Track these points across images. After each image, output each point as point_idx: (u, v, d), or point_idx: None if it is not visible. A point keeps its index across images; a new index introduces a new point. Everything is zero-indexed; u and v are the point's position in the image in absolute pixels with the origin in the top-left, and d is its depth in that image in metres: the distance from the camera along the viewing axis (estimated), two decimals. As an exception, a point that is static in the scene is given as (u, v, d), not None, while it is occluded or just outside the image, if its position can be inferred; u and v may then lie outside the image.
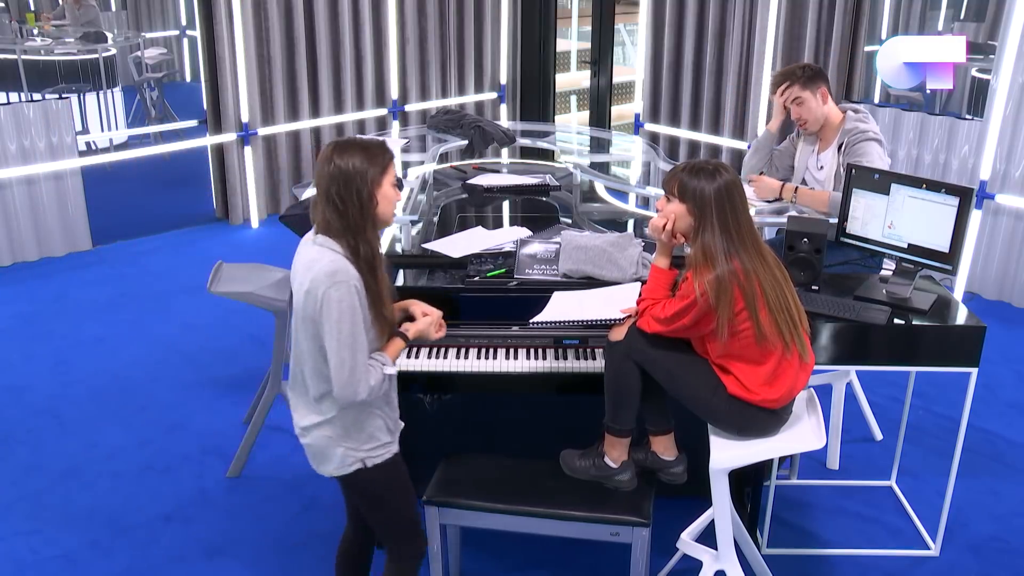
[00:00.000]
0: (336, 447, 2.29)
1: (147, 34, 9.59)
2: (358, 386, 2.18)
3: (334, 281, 2.15)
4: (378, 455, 2.33)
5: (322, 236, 2.22)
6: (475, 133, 4.41)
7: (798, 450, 2.62)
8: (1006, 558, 3.17)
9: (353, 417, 2.28)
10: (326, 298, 2.14)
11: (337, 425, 2.28)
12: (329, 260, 2.17)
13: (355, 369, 2.17)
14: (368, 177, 2.20)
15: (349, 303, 2.15)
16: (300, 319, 2.23)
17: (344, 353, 2.16)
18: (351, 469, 2.31)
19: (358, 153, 2.21)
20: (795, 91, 3.46)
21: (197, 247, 6.14)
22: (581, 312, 2.71)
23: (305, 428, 2.31)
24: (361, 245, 2.21)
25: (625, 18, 8.32)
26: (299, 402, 2.33)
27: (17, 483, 3.54)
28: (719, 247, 2.39)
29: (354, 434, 2.29)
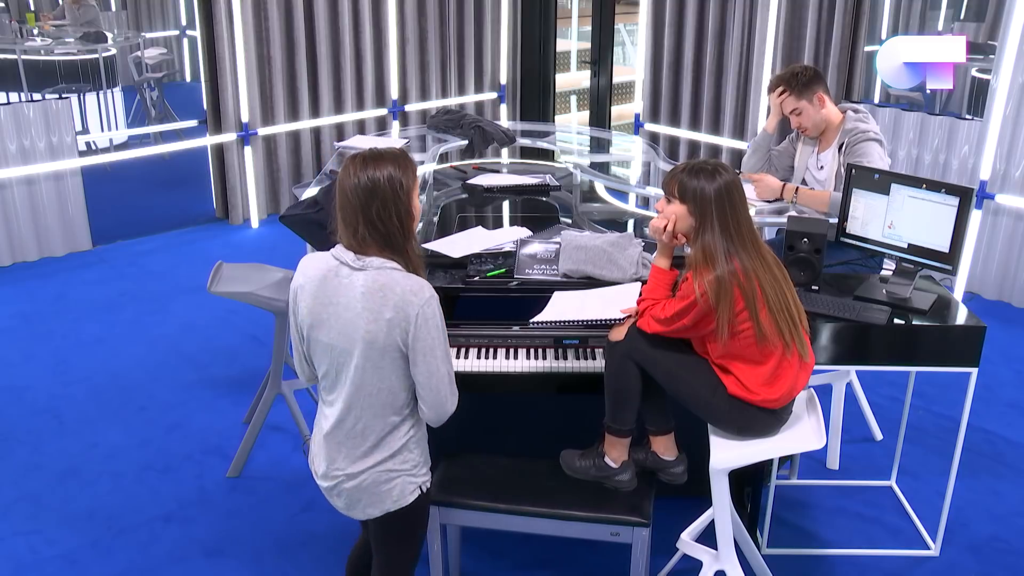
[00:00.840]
0: (395, 479, 2.17)
1: (147, 34, 9.60)
2: (455, 398, 2.14)
3: (424, 298, 2.05)
4: (429, 479, 2.28)
5: (372, 258, 2.08)
6: (475, 133, 4.41)
7: (798, 450, 2.62)
8: (1006, 558, 3.17)
9: (417, 439, 2.20)
10: (423, 318, 2.04)
11: (402, 454, 2.17)
12: (403, 279, 2.06)
13: (452, 381, 2.12)
14: (405, 190, 2.08)
15: (440, 316, 2.08)
16: (376, 357, 2.07)
17: (444, 368, 2.09)
18: (412, 498, 2.20)
19: (389, 165, 2.08)
20: (791, 102, 3.46)
21: (197, 247, 6.14)
22: (581, 312, 2.71)
23: (360, 472, 2.16)
24: (408, 262, 2.11)
25: (625, 18, 8.32)
26: (357, 448, 2.16)
27: (17, 483, 3.54)
28: (719, 247, 2.39)
29: (416, 458, 2.21)
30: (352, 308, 2.07)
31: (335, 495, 2.24)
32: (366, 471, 2.16)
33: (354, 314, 2.06)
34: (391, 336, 2.05)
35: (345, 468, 2.18)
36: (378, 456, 2.15)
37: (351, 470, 2.17)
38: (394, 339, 2.05)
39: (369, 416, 2.14)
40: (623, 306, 2.66)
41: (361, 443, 2.16)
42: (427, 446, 2.28)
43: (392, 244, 2.09)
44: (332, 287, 2.10)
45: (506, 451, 2.90)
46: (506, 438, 3.33)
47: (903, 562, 3.14)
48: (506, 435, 3.34)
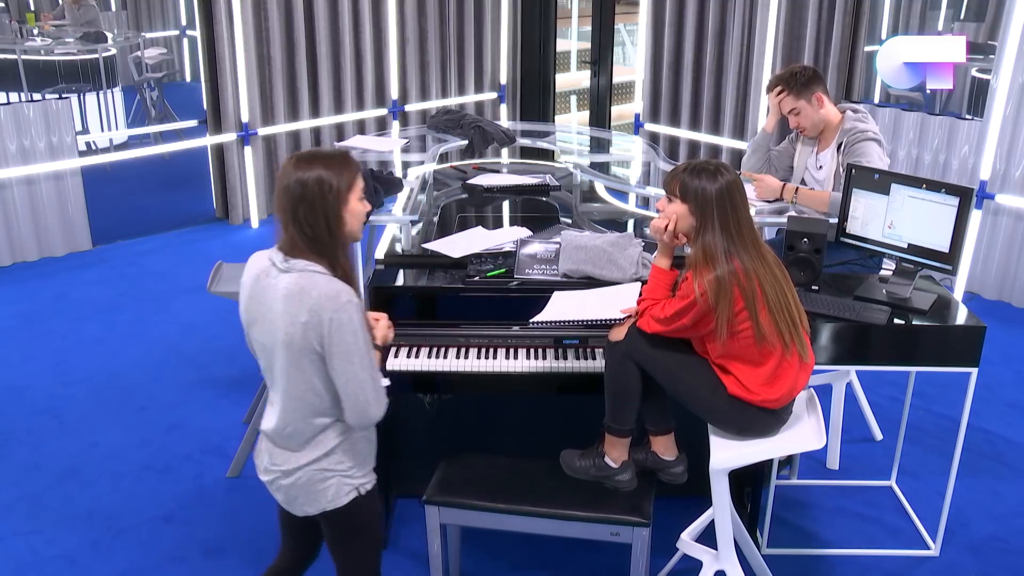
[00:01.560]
0: (330, 479, 2.16)
1: (147, 34, 9.59)
2: (380, 405, 2.09)
3: (340, 304, 2.01)
4: (370, 481, 2.24)
5: (297, 260, 2.07)
6: (475, 133, 4.41)
7: (798, 450, 2.62)
8: (1006, 558, 3.17)
9: (353, 441, 2.18)
10: (336, 323, 2.00)
11: (336, 454, 2.16)
12: (324, 283, 2.03)
13: (376, 388, 2.08)
14: (334, 194, 2.05)
15: (359, 322, 2.04)
16: (296, 358, 2.06)
17: (363, 375, 2.05)
18: (347, 500, 2.18)
19: (320, 167, 2.05)
20: (790, 102, 3.46)
21: (197, 247, 6.14)
22: (581, 312, 2.71)
23: (294, 469, 2.16)
24: (336, 267, 2.08)
25: (625, 18, 8.32)
26: (290, 447, 2.17)
27: (17, 483, 3.54)
28: (720, 247, 2.39)
29: (352, 459, 2.19)
30: (275, 309, 2.07)
31: (275, 490, 2.25)
32: (300, 469, 2.16)
33: (276, 315, 2.07)
34: (307, 339, 2.03)
35: (281, 465, 2.18)
36: (311, 455, 2.15)
37: (286, 467, 2.17)
38: (310, 343, 2.03)
39: (297, 417, 2.14)
40: (623, 306, 2.66)
41: (293, 442, 2.16)
42: (369, 447, 2.24)
43: (320, 248, 2.07)
44: (262, 287, 2.11)
45: (506, 451, 2.90)
46: (506, 438, 3.33)
47: (903, 562, 3.14)
48: (506, 435, 3.34)
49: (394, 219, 3.41)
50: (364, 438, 2.22)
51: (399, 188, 3.54)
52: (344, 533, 2.27)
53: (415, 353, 2.84)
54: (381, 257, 3.17)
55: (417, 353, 2.84)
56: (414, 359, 2.82)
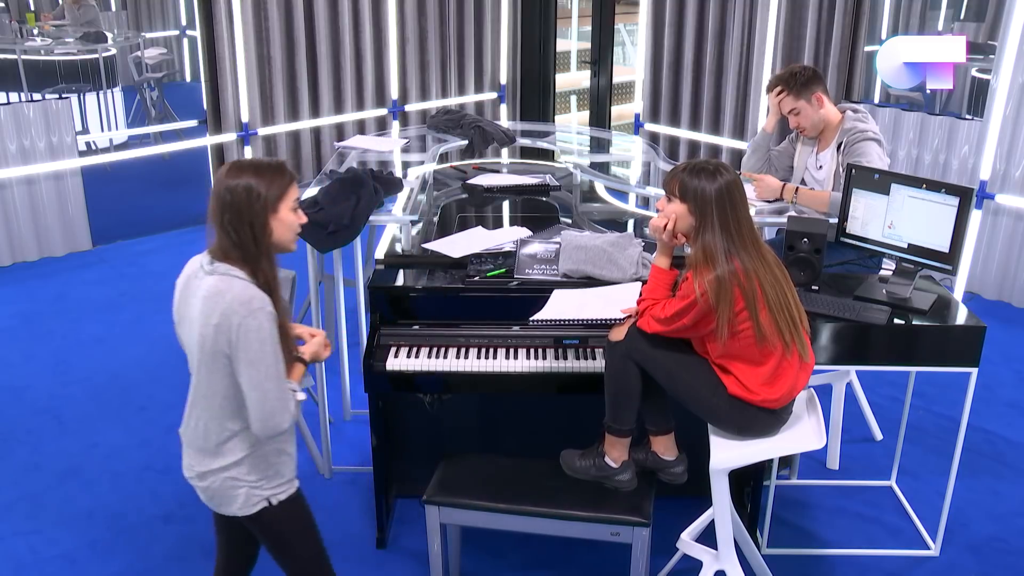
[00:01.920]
0: (240, 489, 2.16)
1: (147, 34, 9.58)
2: (284, 415, 2.07)
3: (250, 310, 2.01)
4: (283, 491, 2.23)
5: (220, 264, 2.08)
6: (475, 133, 4.41)
7: (798, 450, 2.62)
8: (1006, 558, 3.17)
9: (262, 453, 2.17)
10: (244, 329, 2.00)
11: (244, 465, 2.15)
12: (240, 288, 2.04)
13: (281, 398, 2.06)
14: (261, 203, 2.06)
15: (268, 331, 2.03)
16: (208, 360, 2.07)
17: (268, 384, 2.04)
18: (256, 509, 2.19)
19: (250, 176, 2.06)
20: (789, 102, 3.46)
21: (197, 247, 6.06)
22: (581, 311, 2.71)
23: (204, 474, 2.18)
24: (258, 274, 2.08)
25: (625, 18, 8.32)
26: (200, 450, 2.18)
27: (17, 483, 3.54)
28: (719, 247, 2.39)
29: (260, 471, 2.17)
30: (195, 310, 2.10)
31: (195, 489, 2.26)
32: (210, 474, 2.17)
33: (194, 316, 2.10)
34: (217, 342, 2.04)
35: (194, 467, 2.20)
36: (221, 462, 2.15)
37: (199, 470, 2.19)
38: (220, 346, 2.04)
39: (208, 418, 2.14)
40: (623, 305, 2.66)
41: (204, 444, 2.17)
42: (283, 459, 2.23)
43: (244, 255, 2.08)
44: (191, 288, 2.15)
45: (506, 451, 2.90)
46: (506, 438, 3.33)
47: (903, 562, 3.14)
48: (506, 435, 3.34)
49: (394, 219, 3.41)
50: (276, 451, 2.20)
51: (399, 188, 3.54)
52: (268, 540, 2.28)
53: (415, 353, 2.84)
54: (381, 257, 3.17)
55: (417, 353, 2.84)
56: (414, 359, 2.82)
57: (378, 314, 2.93)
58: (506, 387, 2.85)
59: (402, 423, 3.30)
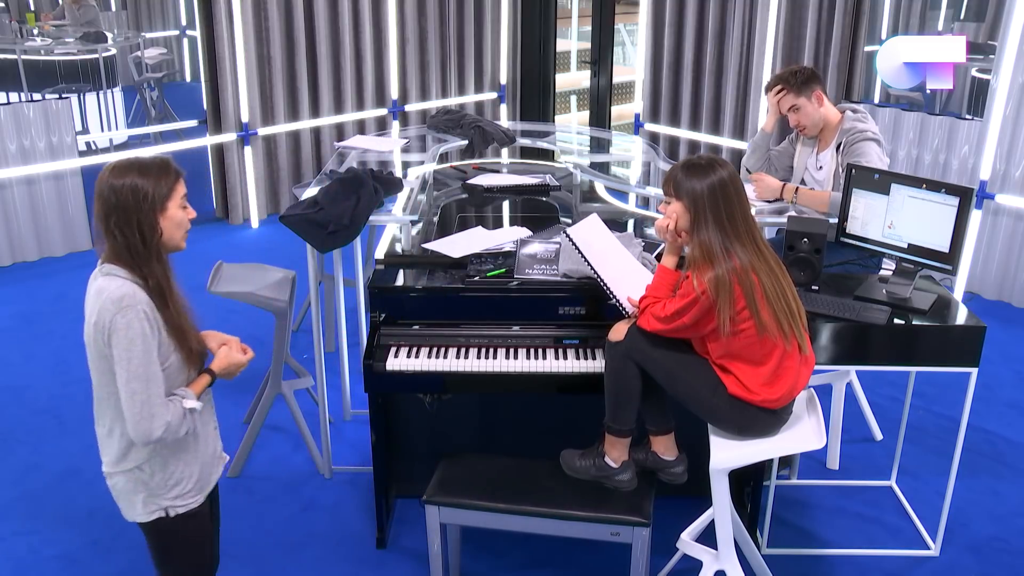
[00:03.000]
0: (140, 492, 2.14)
1: (147, 34, 9.59)
2: (153, 421, 1.99)
3: (120, 307, 1.98)
4: (183, 505, 2.17)
5: (108, 265, 2.05)
6: (475, 133, 4.41)
7: (798, 450, 2.62)
8: (1006, 558, 3.17)
9: (162, 461, 2.13)
10: (114, 326, 1.97)
11: (144, 471, 2.12)
12: (116, 287, 2.01)
13: (148, 402, 1.99)
14: (149, 203, 2.02)
15: (139, 329, 1.98)
16: (94, 357, 2.05)
17: (135, 384, 1.98)
18: (151, 518, 2.15)
19: (135, 175, 2.02)
20: (789, 99, 3.46)
21: (197, 247, 6.10)
22: (603, 263, 2.69)
23: (109, 472, 2.16)
24: (148, 276, 2.05)
25: (625, 18, 8.32)
26: (103, 447, 2.16)
27: (17, 483, 3.54)
28: (715, 243, 2.40)
29: (160, 479, 2.13)
30: (86, 309, 2.08)
31: None
32: (115, 475, 2.15)
33: (86, 315, 2.07)
34: (97, 341, 2.02)
35: (104, 467, 2.18)
36: (126, 464, 2.12)
37: (105, 469, 2.17)
38: (100, 346, 2.02)
39: (109, 418, 2.12)
40: (633, 290, 2.65)
41: (109, 445, 2.14)
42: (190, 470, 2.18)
43: (133, 258, 2.04)
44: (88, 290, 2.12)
45: (506, 451, 2.90)
46: (506, 438, 3.33)
47: (903, 562, 3.14)
48: (506, 435, 3.34)
49: (394, 219, 3.41)
50: (184, 460, 2.16)
51: (399, 188, 3.54)
52: (153, 550, 2.24)
53: (415, 353, 2.84)
54: (381, 257, 3.17)
55: (417, 353, 2.84)
56: (414, 359, 2.82)
57: (378, 314, 2.93)
58: (506, 387, 2.85)
59: (402, 423, 3.30)
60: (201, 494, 2.23)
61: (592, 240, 2.76)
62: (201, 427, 2.20)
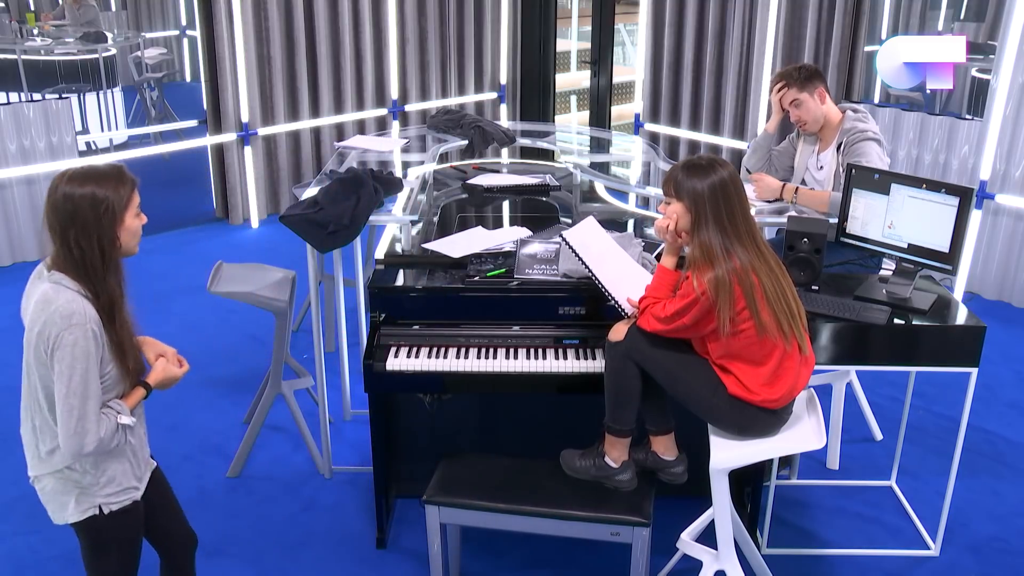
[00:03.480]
0: (72, 492, 2.12)
1: (147, 34, 9.59)
2: (85, 437, 1.99)
3: (70, 324, 1.95)
4: (118, 501, 2.16)
5: (57, 273, 2.02)
6: (475, 133, 4.41)
7: (798, 450, 2.62)
8: (1006, 558, 3.17)
9: (94, 460, 2.11)
10: (60, 342, 1.95)
11: (76, 469, 2.11)
12: (66, 300, 1.97)
13: (84, 418, 1.98)
14: (110, 216, 2.00)
15: (84, 348, 1.97)
16: (31, 363, 2.03)
17: (73, 400, 1.97)
18: (86, 516, 2.14)
19: (93, 185, 1.99)
20: (792, 93, 3.46)
21: (197, 247, 6.14)
22: (600, 264, 2.69)
23: (37, 476, 2.15)
24: (100, 292, 2.02)
25: (625, 18, 8.32)
26: (30, 450, 2.15)
27: (17, 483, 3.53)
28: (716, 243, 2.40)
29: (92, 477, 2.12)
30: (27, 313, 2.06)
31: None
32: (44, 477, 2.14)
33: (26, 319, 2.05)
34: (37, 349, 2.00)
35: (30, 470, 2.17)
36: (55, 464, 2.11)
37: (32, 473, 2.16)
38: (40, 353, 2.00)
39: (38, 420, 2.11)
40: (632, 291, 2.64)
41: (38, 447, 2.13)
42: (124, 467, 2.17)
43: (87, 272, 2.02)
44: (30, 291, 2.11)
45: (506, 451, 2.90)
46: (506, 438, 3.33)
47: (903, 562, 3.14)
48: (506, 435, 3.34)
49: (394, 219, 3.41)
50: (117, 459, 2.15)
51: (399, 188, 3.54)
52: (85, 549, 2.22)
53: (415, 353, 2.84)
54: (381, 257, 3.17)
55: (417, 353, 2.84)
56: (414, 359, 2.82)
57: (378, 314, 2.93)
58: (506, 387, 2.85)
59: (402, 423, 3.30)
60: (136, 492, 2.22)
61: (589, 243, 2.76)
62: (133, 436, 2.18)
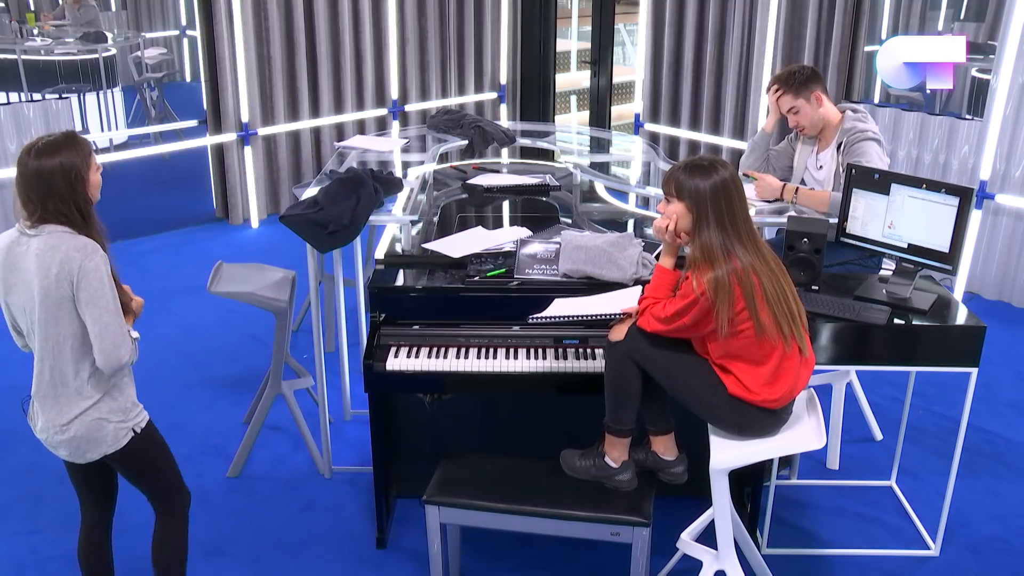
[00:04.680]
0: (107, 427, 2.37)
1: (147, 34, 9.59)
2: (123, 348, 2.28)
3: (87, 253, 2.24)
4: (142, 419, 2.46)
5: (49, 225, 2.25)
6: (475, 133, 4.41)
7: (798, 450, 2.62)
8: (1006, 558, 3.17)
9: (118, 390, 2.40)
10: (83, 270, 2.23)
11: (106, 402, 2.37)
12: (72, 239, 2.25)
13: (119, 331, 2.28)
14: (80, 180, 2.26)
15: (105, 271, 2.28)
16: (53, 308, 2.27)
17: (108, 318, 2.26)
18: (125, 440, 2.41)
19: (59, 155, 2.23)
20: (788, 100, 3.46)
21: (197, 247, 6.13)
22: (581, 309, 2.71)
23: (68, 422, 2.36)
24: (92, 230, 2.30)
25: (625, 18, 8.32)
26: (59, 399, 2.36)
27: (17, 483, 3.54)
28: (717, 244, 2.40)
29: (120, 405, 2.40)
30: (29, 270, 2.27)
31: (54, 447, 2.44)
32: (74, 421, 2.35)
33: (31, 275, 2.27)
34: (60, 289, 2.24)
35: (55, 420, 2.37)
36: (83, 404, 2.34)
37: (60, 421, 2.36)
38: (64, 291, 2.25)
39: (62, 364, 2.33)
40: (624, 306, 2.66)
41: (63, 392, 2.35)
42: (134, 389, 2.47)
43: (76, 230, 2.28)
44: (16, 255, 2.30)
45: (506, 451, 2.90)
46: (506, 438, 3.33)
47: (903, 562, 3.14)
48: (506, 435, 3.34)
49: (394, 219, 3.41)
50: (125, 383, 2.43)
51: (399, 188, 3.54)
52: (136, 468, 2.52)
53: (415, 353, 2.84)
54: (381, 257, 3.17)
55: (417, 353, 2.84)
56: (414, 359, 2.82)
57: (378, 314, 2.93)
58: (506, 387, 2.85)
59: (402, 423, 3.30)
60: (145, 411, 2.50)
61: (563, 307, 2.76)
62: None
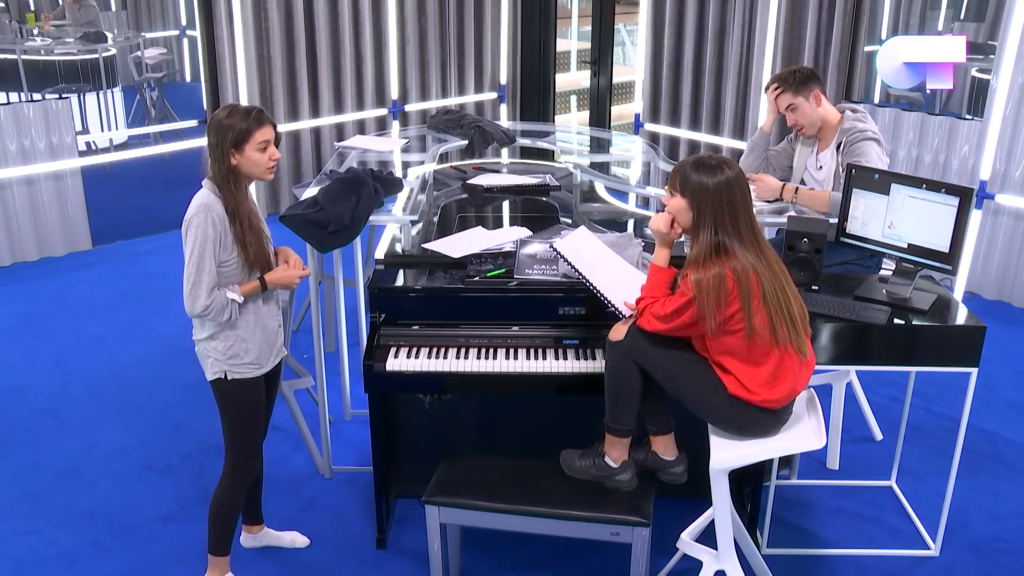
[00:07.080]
0: (208, 357, 2.69)
1: (147, 34, 9.58)
2: (196, 300, 2.55)
3: (198, 211, 2.56)
4: (238, 372, 2.69)
5: (207, 180, 2.62)
6: (475, 133, 4.41)
7: (798, 450, 2.62)
8: (1006, 558, 3.17)
9: (225, 335, 2.66)
10: (189, 224, 2.56)
11: (215, 341, 2.67)
12: (202, 196, 2.59)
13: (198, 284, 2.55)
14: (228, 136, 2.54)
15: (203, 229, 2.54)
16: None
17: (191, 268, 2.55)
18: (213, 376, 2.70)
19: (227, 115, 2.57)
20: (787, 99, 3.46)
21: (197, 247, 6.12)
22: (594, 272, 2.69)
23: (196, 340, 2.72)
24: (226, 197, 2.58)
25: (625, 18, 8.32)
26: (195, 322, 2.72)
27: (17, 483, 3.54)
28: (714, 243, 2.40)
29: (223, 348, 2.67)
30: None
31: None
32: (197, 343, 2.72)
33: None
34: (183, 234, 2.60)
35: (194, 334, 2.74)
36: (199, 335, 2.71)
37: (194, 337, 2.73)
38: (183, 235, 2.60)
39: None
40: (628, 294, 2.64)
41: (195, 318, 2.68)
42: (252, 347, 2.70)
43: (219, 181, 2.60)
44: None
45: (506, 451, 2.90)
46: (506, 438, 3.33)
47: (903, 562, 3.14)
48: (506, 435, 3.34)
49: (394, 219, 3.41)
50: (238, 337, 2.67)
51: (399, 188, 3.54)
52: (220, 407, 2.77)
53: (415, 353, 2.84)
54: (381, 257, 3.17)
55: (417, 353, 2.84)
56: (414, 359, 2.82)
57: (378, 314, 2.93)
58: (506, 387, 2.85)
59: (402, 423, 3.30)
60: (256, 370, 2.73)
61: (582, 252, 2.76)
62: (255, 319, 2.70)
